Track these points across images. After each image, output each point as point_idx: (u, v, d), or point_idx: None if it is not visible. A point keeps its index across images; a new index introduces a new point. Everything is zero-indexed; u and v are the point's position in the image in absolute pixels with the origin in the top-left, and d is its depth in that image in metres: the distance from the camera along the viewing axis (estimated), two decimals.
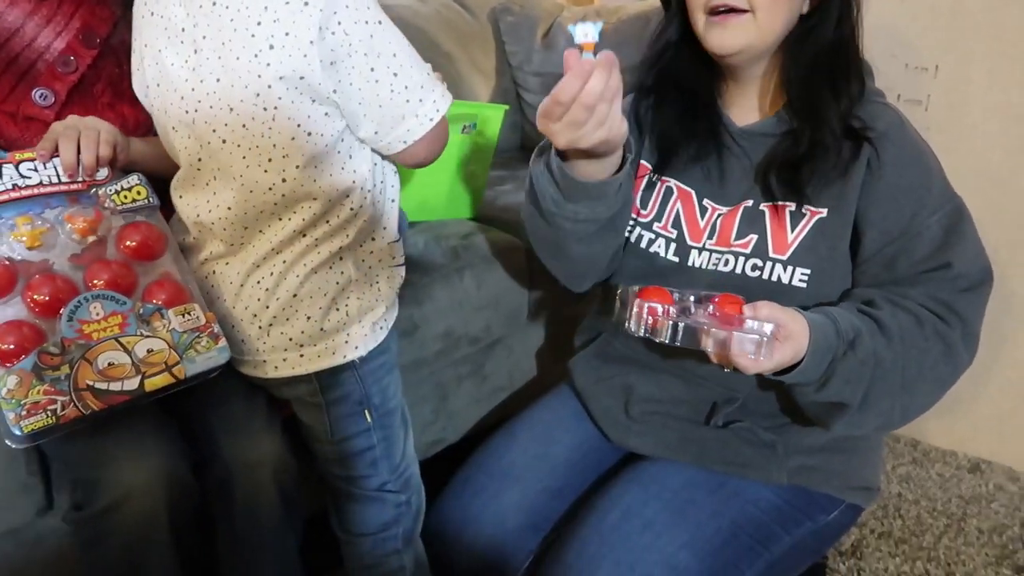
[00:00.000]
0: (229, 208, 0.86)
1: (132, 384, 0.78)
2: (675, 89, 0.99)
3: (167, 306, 0.83)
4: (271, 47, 0.77)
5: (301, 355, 0.91)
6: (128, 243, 0.86)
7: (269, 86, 0.78)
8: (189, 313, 0.84)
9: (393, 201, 0.96)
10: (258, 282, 0.89)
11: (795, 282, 0.91)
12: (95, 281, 0.82)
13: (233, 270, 0.90)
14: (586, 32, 0.72)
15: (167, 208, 0.94)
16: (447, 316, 1.27)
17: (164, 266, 0.88)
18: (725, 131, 0.98)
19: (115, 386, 0.77)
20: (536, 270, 1.42)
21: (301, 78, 0.78)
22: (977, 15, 1.46)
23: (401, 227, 1.00)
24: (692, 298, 0.84)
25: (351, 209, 0.89)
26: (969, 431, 1.64)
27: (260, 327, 0.90)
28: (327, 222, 0.88)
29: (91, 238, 0.84)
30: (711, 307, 0.83)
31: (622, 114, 0.78)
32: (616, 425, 1.05)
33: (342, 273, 0.91)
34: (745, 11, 0.87)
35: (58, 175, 0.86)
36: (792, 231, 0.92)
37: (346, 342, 0.92)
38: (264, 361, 0.92)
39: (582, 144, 0.78)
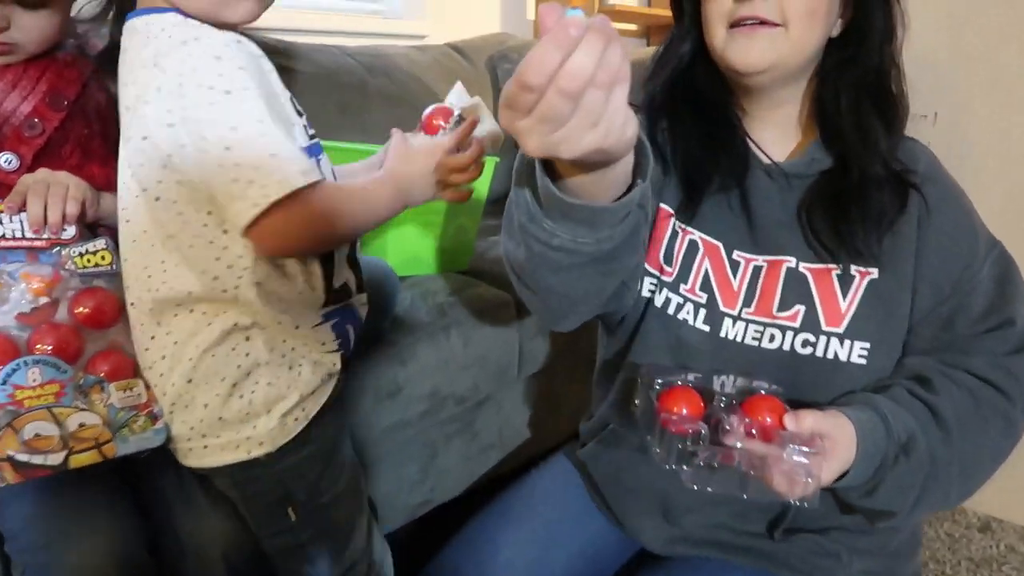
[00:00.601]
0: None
1: (56, 459, 0.73)
2: (692, 110, 0.85)
3: (110, 379, 0.80)
4: (127, 108, 0.76)
5: (205, 446, 0.83)
6: (81, 309, 0.83)
7: (128, 143, 0.77)
8: (131, 388, 0.81)
9: (307, 282, 0.84)
10: (152, 365, 0.83)
11: (854, 359, 0.79)
12: (39, 345, 0.79)
13: (140, 347, 0.85)
14: None
15: None
16: (432, 376, 1.24)
17: (116, 335, 0.85)
18: (755, 165, 0.85)
19: (38, 459, 0.72)
20: (527, 325, 1.39)
21: (144, 138, 0.75)
22: (974, 63, 1.44)
23: (387, 306, 0.96)
24: (723, 401, 0.72)
25: (235, 285, 0.79)
26: (980, 490, 1.58)
27: (168, 413, 0.83)
28: (210, 298, 0.80)
29: (44, 299, 0.81)
30: (746, 420, 0.69)
31: (633, 115, 0.52)
32: (658, 537, 0.92)
33: (247, 355, 0.81)
34: (776, 24, 0.76)
35: (23, 230, 0.83)
36: (844, 298, 0.80)
37: (248, 437, 0.83)
38: (176, 448, 0.85)
39: (563, 152, 0.51)
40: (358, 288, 0.93)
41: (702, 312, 0.84)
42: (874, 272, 0.80)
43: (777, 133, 0.86)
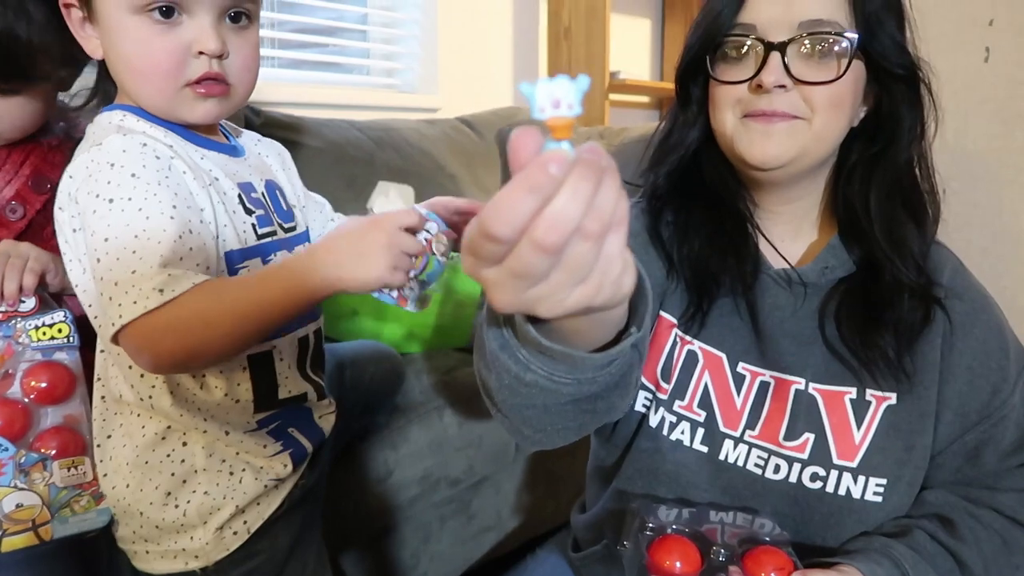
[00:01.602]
0: None
1: None
2: (700, 202, 0.77)
3: (55, 457, 0.78)
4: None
5: (147, 551, 0.79)
6: (33, 383, 0.81)
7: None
8: (77, 467, 0.79)
9: (229, 395, 0.77)
10: (100, 462, 0.80)
11: (869, 496, 0.70)
12: None
13: (96, 442, 0.82)
14: (557, 96, 0.36)
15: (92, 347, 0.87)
16: (424, 458, 1.22)
17: (70, 410, 0.83)
18: (765, 269, 0.76)
19: None
20: None
21: (66, 242, 0.73)
22: (980, 142, 1.43)
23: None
24: (723, 555, 0.63)
25: (149, 395, 0.75)
26: None
27: (115, 512, 0.80)
28: (134, 395, 0.76)
29: None
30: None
31: (631, 261, 0.42)
32: None
33: (182, 461, 0.77)
34: (796, 116, 0.69)
35: None
36: (858, 427, 0.71)
37: (184, 549, 0.78)
38: (125, 550, 0.81)
39: (542, 312, 0.41)
40: (319, 396, 0.87)
41: (700, 431, 0.75)
42: (892, 398, 0.72)
43: (791, 229, 0.78)
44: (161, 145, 0.73)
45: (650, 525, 0.64)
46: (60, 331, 0.84)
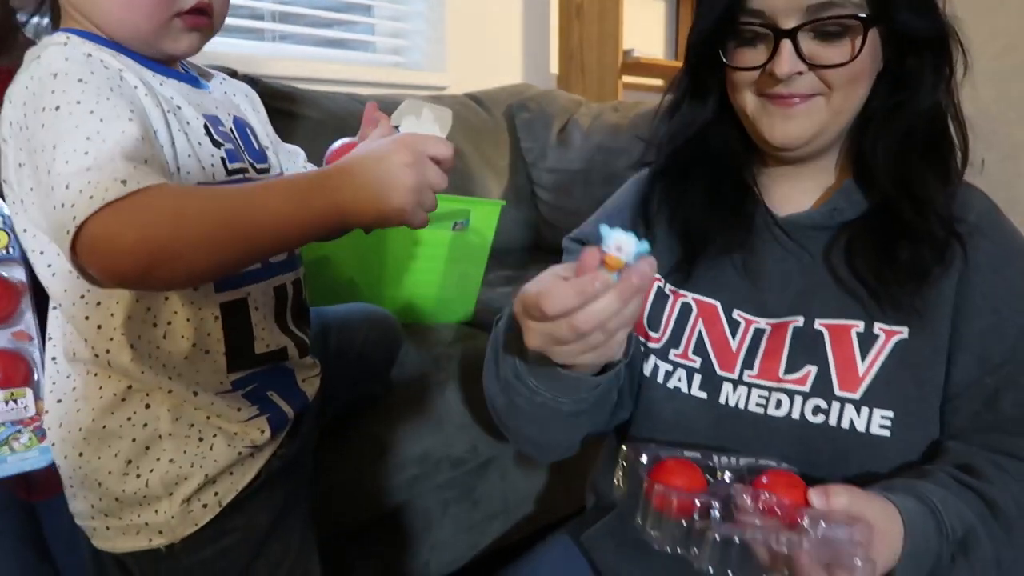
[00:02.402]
0: None
1: None
2: (702, 169, 0.79)
3: None
4: None
5: (107, 527, 0.71)
6: None
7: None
8: (17, 400, 0.70)
9: (198, 345, 0.69)
10: (50, 428, 0.71)
11: (874, 429, 0.68)
12: None
13: (47, 405, 0.73)
14: (620, 246, 0.53)
15: None
16: (423, 437, 1.13)
17: (17, 329, 0.74)
18: (764, 222, 0.77)
19: None
20: None
21: (5, 181, 0.65)
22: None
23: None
24: (729, 476, 0.61)
25: (106, 348, 0.67)
26: None
27: (69, 487, 0.72)
28: (87, 351, 0.67)
29: None
30: (763, 495, 0.57)
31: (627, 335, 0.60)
32: None
33: (144, 426, 0.68)
34: (814, 94, 0.70)
35: None
36: (863, 359, 0.70)
37: (147, 523, 0.69)
38: (82, 527, 0.73)
39: (557, 358, 0.61)
40: (301, 353, 0.80)
41: (697, 377, 0.76)
42: (903, 332, 0.70)
43: (799, 187, 0.78)
44: (108, 59, 0.65)
45: (645, 457, 0.62)
46: None
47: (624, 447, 0.65)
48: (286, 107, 1.65)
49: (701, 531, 0.54)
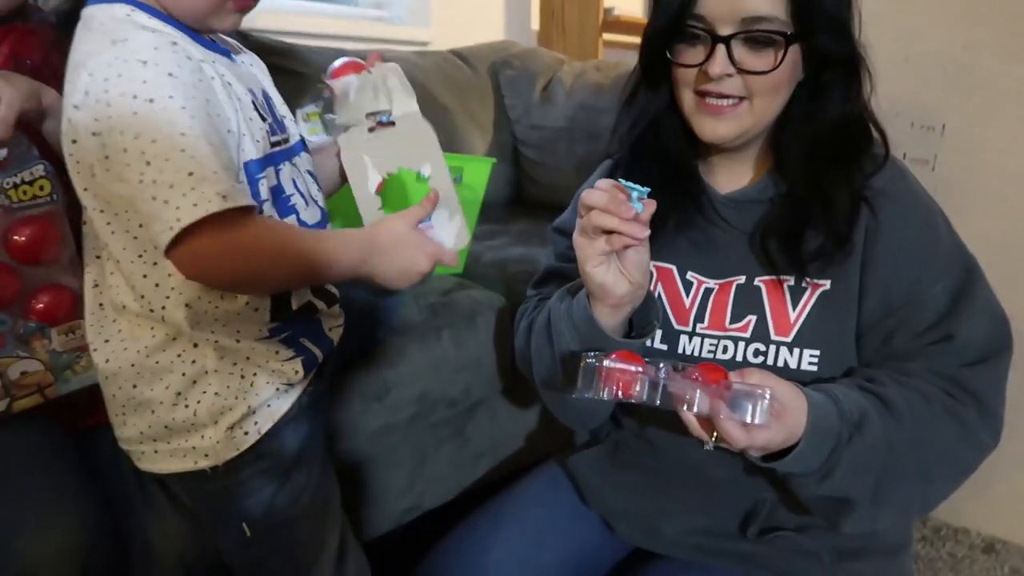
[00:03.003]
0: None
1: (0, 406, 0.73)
2: (656, 160, 0.91)
3: (50, 320, 0.78)
4: (64, 108, 0.71)
5: (156, 451, 0.79)
6: (16, 238, 0.77)
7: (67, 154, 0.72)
8: (74, 332, 0.79)
9: (252, 300, 0.77)
10: (100, 366, 0.78)
11: (804, 366, 0.82)
12: None
13: (91, 347, 0.80)
14: (632, 187, 0.74)
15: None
16: (422, 378, 1.21)
17: (57, 273, 0.81)
18: (708, 201, 0.90)
19: None
20: None
21: (73, 142, 0.69)
22: (985, 75, 1.42)
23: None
24: (668, 365, 0.74)
25: (162, 305, 0.74)
26: (983, 509, 1.55)
27: (116, 415, 0.79)
28: (143, 305, 0.74)
29: None
30: (692, 372, 0.72)
31: (617, 274, 0.77)
32: (640, 534, 0.95)
33: (193, 362, 0.76)
34: (741, 99, 0.80)
35: None
36: (794, 309, 0.83)
37: (194, 447, 0.78)
38: (129, 451, 0.81)
39: (587, 264, 0.77)
40: (328, 304, 0.87)
41: (658, 333, 0.88)
42: (826, 284, 0.83)
43: (740, 167, 0.90)
44: (191, 49, 0.71)
45: (593, 353, 0.73)
46: (42, 188, 0.79)
47: (586, 357, 0.75)
48: (276, 62, 1.65)
49: (635, 379, 0.70)
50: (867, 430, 0.75)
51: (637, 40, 0.91)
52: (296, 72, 1.69)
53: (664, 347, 0.88)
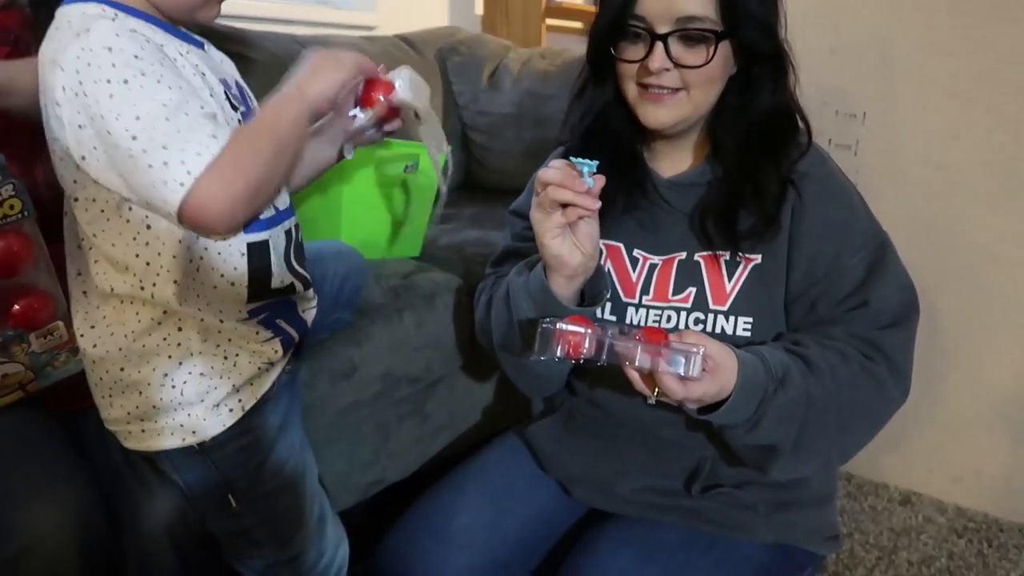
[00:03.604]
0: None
1: None
2: (605, 147, 0.96)
3: (30, 329, 0.81)
4: (44, 106, 0.75)
5: (143, 430, 0.84)
6: None
7: (52, 150, 0.76)
8: (52, 334, 0.84)
9: (229, 273, 0.81)
10: (87, 351, 0.82)
11: (739, 332, 0.91)
12: None
13: (77, 332, 0.84)
14: (582, 163, 0.81)
15: (50, 209, 0.85)
16: (386, 357, 1.27)
17: (30, 278, 0.84)
18: (652, 185, 0.98)
19: None
20: None
21: (55, 139, 0.74)
22: (901, 67, 1.53)
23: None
24: (615, 328, 0.81)
25: (152, 283, 0.78)
26: (900, 465, 1.69)
27: (103, 397, 0.84)
28: (133, 284, 0.78)
29: None
30: (637, 334, 0.79)
31: (572, 246, 0.84)
32: (595, 496, 1.03)
33: (178, 345, 0.81)
34: (679, 89, 0.88)
35: None
36: (730, 280, 0.92)
37: (182, 424, 0.83)
38: (117, 431, 0.86)
39: (545, 236, 0.84)
40: (304, 287, 0.92)
41: (607, 305, 0.96)
42: (758, 258, 0.91)
43: (681, 153, 0.98)
44: (149, 33, 0.74)
45: (547, 319, 0.79)
46: (12, 207, 0.82)
47: (542, 322, 0.81)
48: (232, 48, 1.66)
49: (584, 338, 0.76)
50: (790, 385, 0.82)
51: (579, 25, 0.98)
52: (246, 57, 1.70)
53: (613, 318, 0.96)
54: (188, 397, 0.82)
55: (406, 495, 1.08)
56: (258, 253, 0.83)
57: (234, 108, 0.82)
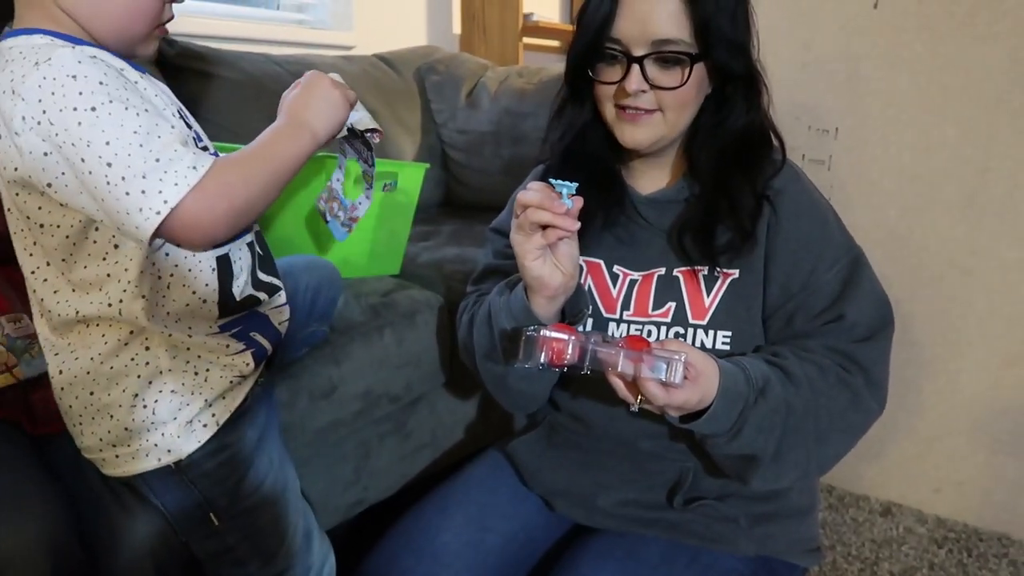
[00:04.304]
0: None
1: None
2: (584, 165, 0.98)
3: None
4: None
5: (117, 456, 0.83)
6: None
7: (6, 181, 0.75)
8: (20, 321, 0.86)
9: (201, 289, 0.81)
10: (54, 377, 0.81)
11: (719, 346, 0.92)
12: None
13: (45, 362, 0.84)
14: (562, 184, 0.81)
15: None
16: (366, 375, 1.26)
17: None
18: (631, 202, 0.99)
19: None
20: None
21: (16, 169, 0.72)
22: (871, 83, 1.56)
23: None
24: (598, 335, 0.81)
25: (119, 299, 0.77)
26: (880, 477, 1.70)
27: (75, 426, 0.83)
28: (101, 302, 0.77)
29: None
30: (620, 342, 0.79)
31: (552, 267, 0.84)
32: (578, 510, 1.03)
33: (147, 364, 0.80)
34: (655, 110, 0.89)
35: None
36: (708, 295, 0.93)
37: (156, 445, 0.82)
38: (92, 459, 0.85)
39: (525, 258, 0.84)
40: (270, 295, 0.92)
41: (589, 321, 0.97)
42: (735, 273, 0.93)
43: (659, 172, 1.00)
44: (108, 58, 0.75)
45: (532, 327, 0.81)
46: None
47: (526, 331, 0.82)
48: (206, 68, 1.68)
49: (567, 345, 0.77)
50: (770, 395, 0.84)
51: (556, 44, 1.00)
52: (223, 77, 1.71)
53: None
54: (160, 416, 0.81)
55: (388, 513, 1.08)
56: (224, 266, 0.83)
57: (188, 127, 0.82)
